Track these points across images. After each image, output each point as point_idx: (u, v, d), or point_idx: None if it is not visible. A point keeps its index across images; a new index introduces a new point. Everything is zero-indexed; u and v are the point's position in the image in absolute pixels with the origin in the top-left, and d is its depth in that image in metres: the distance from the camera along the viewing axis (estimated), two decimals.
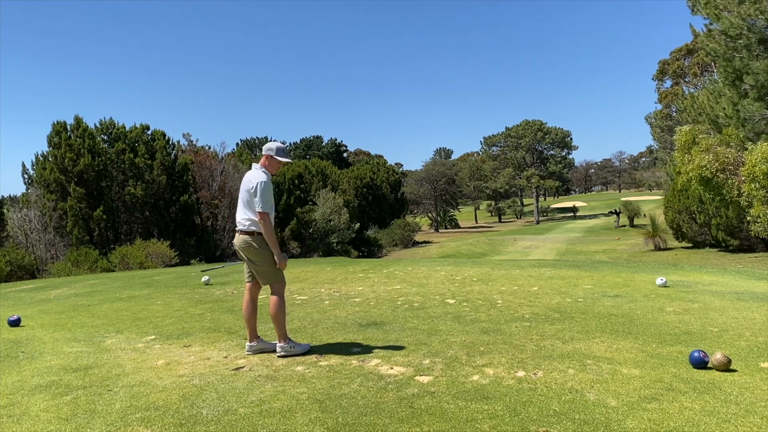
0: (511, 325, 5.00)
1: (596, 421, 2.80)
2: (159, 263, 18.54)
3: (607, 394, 3.16)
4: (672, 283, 7.22)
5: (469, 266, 9.92)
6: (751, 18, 14.84)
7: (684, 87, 34.30)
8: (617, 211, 48.36)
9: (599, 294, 6.57)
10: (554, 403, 3.06)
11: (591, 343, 4.28)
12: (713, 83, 18.24)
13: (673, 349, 4.05)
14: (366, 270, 9.81)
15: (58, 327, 5.72)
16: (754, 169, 13.83)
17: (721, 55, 15.90)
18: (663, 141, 37.11)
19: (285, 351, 4.18)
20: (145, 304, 7.07)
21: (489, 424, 2.80)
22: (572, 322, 5.09)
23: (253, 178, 4.23)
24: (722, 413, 2.86)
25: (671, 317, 5.16)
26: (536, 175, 69.57)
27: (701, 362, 3.56)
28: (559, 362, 3.80)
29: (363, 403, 3.14)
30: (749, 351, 3.96)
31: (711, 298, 6.13)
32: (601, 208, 69.52)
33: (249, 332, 4.35)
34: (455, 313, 5.68)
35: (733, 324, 4.82)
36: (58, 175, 23.33)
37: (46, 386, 3.67)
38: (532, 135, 71.80)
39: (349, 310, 6.07)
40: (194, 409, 3.15)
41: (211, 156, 31.12)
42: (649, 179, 65.34)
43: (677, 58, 39.56)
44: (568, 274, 8.42)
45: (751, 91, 15.48)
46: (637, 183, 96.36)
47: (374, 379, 3.57)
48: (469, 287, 7.42)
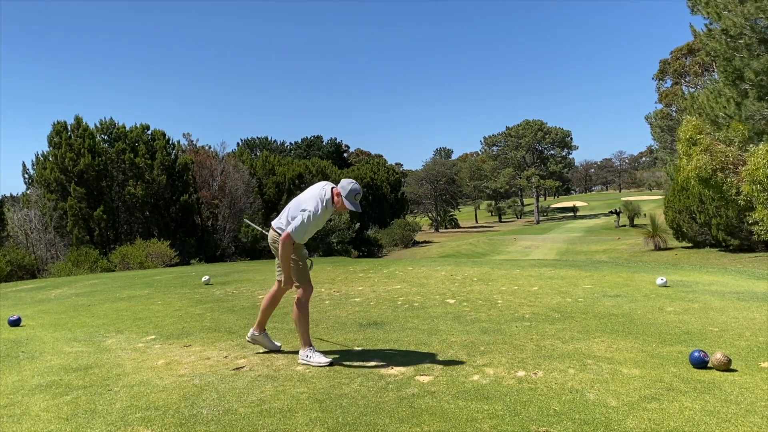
0: (511, 325, 5.00)
1: (596, 420, 2.80)
2: (159, 263, 18.54)
3: (607, 394, 3.16)
4: (672, 282, 7.21)
5: (469, 266, 9.92)
6: (753, 17, 14.83)
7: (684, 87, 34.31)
8: (617, 210, 48.36)
9: (599, 294, 6.57)
10: (554, 402, 3.06)
11: (591, 343, 4.28)
12: (713, 83, 18.23)
13: (673, 349, 4.05)
14: (366, 270, 9.81)
15: (59, 327, 5.73)
16: (757, 172, 13.81)
17: (722, 55, 15.88)
18: (663, 141, 37.12)
19: (302, 359, 4.02)
20: (145, 303, 7.08)
21: (489, 423, 2.80)
22: (572, 321, 5.09)
23: (310, 202, 3.95)
24: (722, 413, 2.86)
25: (671, 317, 5.16)
26: (536, 175, 69.56)
27: (701, 362, 3.56)
28: (560, 362, 3.80)
29: (363, 403, 3.14)
30: (749, 351, 3.96)
31: (711, 297, 6.13)
32: (602, 208, 69.50)
33: (257, 321, 4.30)
34: (455, 312, 5.68)
35: (733, 324, 4.82)
36: (58, 174, 23.35)
37: (46, 386, 3.67)
38: (532, 135, 71.80)
39: (349, 309, 6.07)
40: (194, 408, 3.15)
41: (211, 156, 31.12)
42: (649, 179, 65.38)
43: (677, 58, 39.54)
44: (568, 273, 8.42)
45: (751, 90, 15.46)
46: (637, 183, 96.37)
47: (374, 379, 3.57)
48: (469, 287, 7.41)
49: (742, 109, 15.42)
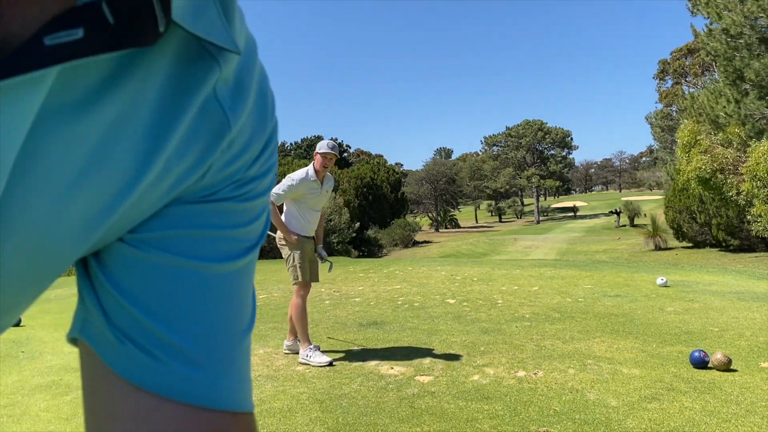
0: (511, 325, 5.00)
1: (596, 420, 2.80)
2: None
3: (607, 394, 3.16)
4: (672, 282, 7.21)
5: (469, 266, 9.92)
6: (753, 16, 14.82)
7: (684, 87, 34.31)
8: (617, 210, 48.35)
9: (599, 294, 6.57)
10: (554, 403, 3.06)
11: (591, 343, 4.28)
12: (714, 83, 18.23)
13: (673, 349, 4.05)
14: (366, 270, 9.81)
15: (59, 327, 5.72)
16: (758, 167, 13.81)
17: (722, 55, 15.88)
18: (663, 141, 37.12)
19: (302, 358, 4.00)
20: None
21: (489, 424, 2.80)
22: (572, 321, 5.09)
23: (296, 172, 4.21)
24: (723, 413, 2.85)
25: (672, 317, 5.16)
26: (536, 175, 69.57)
27: (701, 362, 3.56)
28: (560, 362, 3.79)
29: (363, 403, 3.14)
30: (750, 351, 3.96)
31: (711, 297, 6.12)
32: (602, 208, 69.51)
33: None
34: (455, 312, 5.68)
35: (733, 324, 4.82)
36: None
37: (46, 386, 3.67)
38: (532, 135, 71.82)
39: (350, 309, 6.07)
40: None
41: None
42: (649, 179, 65.41)
43: (678, 58, 39.55)
44: (568, 273, 8.42)
45: (751, 90, 15.47)
46: (637, 183, 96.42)
47: (374, 379, 3.56)
48: (469, 287, 7.41)
49: (741, 107, 15.42)
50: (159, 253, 0.34)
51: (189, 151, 0.33)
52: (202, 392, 0.34)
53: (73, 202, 0.30)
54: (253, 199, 0.38)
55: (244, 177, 0.37)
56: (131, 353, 0.33)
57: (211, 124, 0.34)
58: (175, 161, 0.33)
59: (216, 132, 0.34)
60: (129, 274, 0.34)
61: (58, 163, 0.29)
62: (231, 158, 0.36)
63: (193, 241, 0.35)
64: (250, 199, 0.38)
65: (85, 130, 0.29)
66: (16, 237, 0.29)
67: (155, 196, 0.33)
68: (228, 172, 0.36)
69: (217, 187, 0.36)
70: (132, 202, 0.32)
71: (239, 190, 0.37)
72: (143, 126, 0.31)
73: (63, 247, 0.32)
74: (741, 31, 15.06)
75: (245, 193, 0.37)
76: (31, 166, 0.28)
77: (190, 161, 0.33)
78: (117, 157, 0.30)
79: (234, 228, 0.37)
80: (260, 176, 0.38)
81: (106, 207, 0.31)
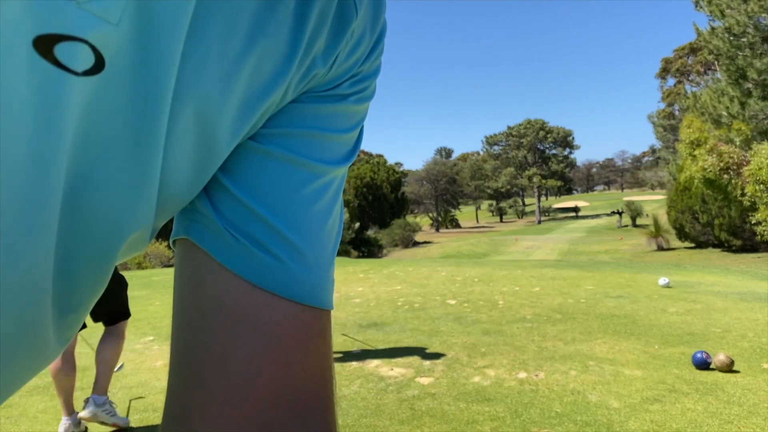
0: (512, 326, 4.97)
1: (598, 422, 2.77)
2: (157, 263, 18.54)
3: (609, 396, 3.14)
4: (675, 283, 7.18)
5: (470, 267, 9.90)
6: (756, 15, 14.78)
7: (687, 86, 34.24)
8: (620, 211, 48.29)
9: (601, 294, 6.54)
10: (556, 404, 3.03)
11: (593, 344, 4.26)
12: (716, 82, 18.19)
13: (675, 350, 4.02)
14: (366, 270, 9.79)
15: None
16: (761, 172, 13.76)
17: (725, 53, 15.84)
18: (666, 140, 37.07)
19: None
20: (143, 304, 7.06)
21: (490, 425, 2.78)
22: (574, 323, 5.06)
23: None
24: (725, 414, 2.83)
25: (674, 318, 5.13)
26: (538, 175, 69.52)
27: (704, 363, 3.54)
28: (561, 363, 3.77)
29: (363, 405, 3.12)
30: (752, 352, 3.93)
31: (714, 298, 6.09)
32: (604, 208, 69.43)
33: None
34: (456, 313, 5.66)
35: (736, 325, 4.79)
36: None
37: (44, 387, 3.65)
38: (533, 134, 71.78)
39: (350, 310, 6.05)
40: None
41: None
42: (651, 179, 65.37)
43: (680, 56, 39.50)
44: (570, 274, 8.39)
45: (755, 89, 15.43)
46: (639, 182, 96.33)
47: (374, 381, 3.54)
48: (470, 288, 7.39)
49: (746, 108, 15.38)
50: (280, 151, 0.33)
51: (322, 33, 0.32)
52: (311, 292, 0.34)
53: (237, 81, 0.29)
54: (364, 100, 0.37)
55: (359, 72, 0.36)
56: (247, 251, 0.32)
57: (341, 7, 0.33)
58: (313, 42, 0.31)
59: (345, 17, 0.33)
60: (248, 170, 0.33)
61: (222, 36, 0.27)
62: (352, 48, 0.35)
63: (312, 141, 0.34)
64: (362, 101, 0.37)
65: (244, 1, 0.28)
66: (192, 106, 0.28)
67: (295, 80, 0.32)
68: (348, 64, 0.35)
69: (339, 80, 0.35)
70: (285, 85, 0.31)
71: (356, 86, 0.36)
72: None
73: (223, 135, 0.30)
74: (744, 29, 15.02)
75: (360, 90, 0.37)
76: (197, 41, 0.26)
77: (323, 45, 0.32)
78: (271, 32, 0.29)
79: (346, 132, 0.37)
80: (371, 75, 0.38)
81: (264, 88, 0.30)
